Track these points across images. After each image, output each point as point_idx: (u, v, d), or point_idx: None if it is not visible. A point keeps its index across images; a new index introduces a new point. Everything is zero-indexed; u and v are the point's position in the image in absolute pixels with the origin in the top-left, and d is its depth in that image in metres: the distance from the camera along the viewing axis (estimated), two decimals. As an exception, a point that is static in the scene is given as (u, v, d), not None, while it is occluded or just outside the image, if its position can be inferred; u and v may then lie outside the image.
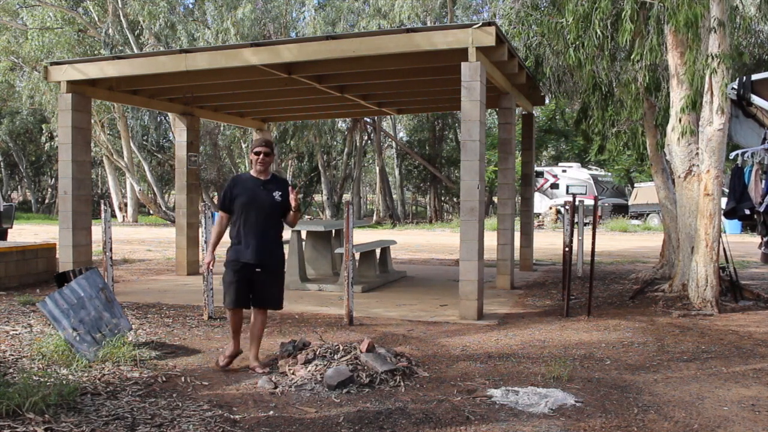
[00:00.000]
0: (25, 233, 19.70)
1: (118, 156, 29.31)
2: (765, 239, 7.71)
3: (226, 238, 4.92)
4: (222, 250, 5.07)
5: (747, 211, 7.58)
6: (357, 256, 9.66)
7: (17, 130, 35.61)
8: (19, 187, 47.12)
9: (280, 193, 4.79)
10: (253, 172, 4.86)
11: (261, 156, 4.80)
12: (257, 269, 4.71)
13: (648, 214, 25.23)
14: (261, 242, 4.72)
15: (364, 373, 4.52)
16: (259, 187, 4.77)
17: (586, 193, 25.62)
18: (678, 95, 7.95)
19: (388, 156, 39.31)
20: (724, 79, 7.16)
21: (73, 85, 8.80)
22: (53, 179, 40.63)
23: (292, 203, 4.74)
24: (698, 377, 4.80)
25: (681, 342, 5.95)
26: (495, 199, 27.92)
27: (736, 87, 7.38)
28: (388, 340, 5.92)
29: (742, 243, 15.73)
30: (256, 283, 4.76)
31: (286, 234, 11.10)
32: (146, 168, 29.60)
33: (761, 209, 7.43)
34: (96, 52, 25.55)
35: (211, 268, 5.11)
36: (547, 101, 13.95)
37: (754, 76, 7.49)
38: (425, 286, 9.62)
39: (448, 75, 8.50)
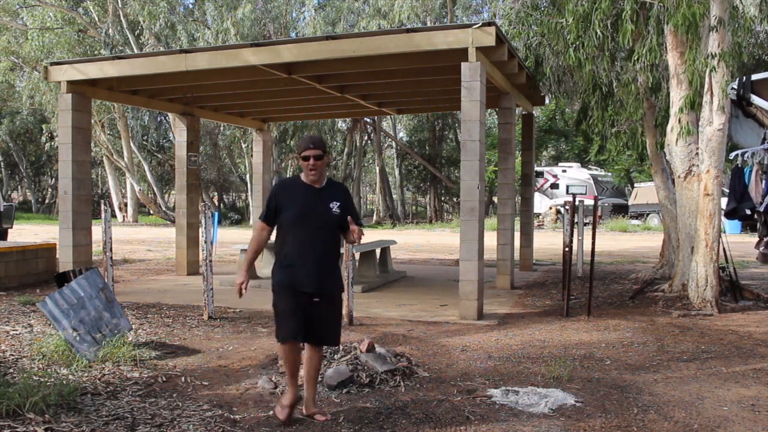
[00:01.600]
0: (25, 233, 19.70)
1: (118, 156, 29.32)
2: (765, 239, 7.72)
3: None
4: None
5: (748, 211, 7.59)
6: (357, 256, 9.66)
7: (17, 130, 35.62)
8: (19, 187, 47.13)
9: (338, 203, 3.84)
10: (304, 178, 3.88)
11: (311, 161, 3.77)
12: (315, 299, 3.78)
13: (648, 214, 25.24)
14: (319, 265, 3.80)
15: (364, 373, 4.52)
16: (313, 196, 3.82)
17: (586, 193, 25.62)
18: (678, 95, 7.95)
19: (388, 156, 39.32)
20: (725, 77, 7.16)
21: (73, 85, 8.80)
22: (53, 179, 40.64)
23: (355, 240, 3.86)
24: (698, 377, 4.80)
25: (681, 342, 5.95)
26: (495, 199, 27.92)
27: (735, 87, 7.38)
28: (388, 340, 5.92)
29: (742, 243, 15.72)
30: (313, 316, 3.80)
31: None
32: (146, 168, 29.61)
33: (761, 209, 7.44)
34: (96, 52, 25.56)
35: (244, 290, 3.83)
36: (547, 101, 13.95)
37: (754, 76, 7.49)
38: (425, 286, 9.62)
39: (448, 75, 8.50)
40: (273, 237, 4.01)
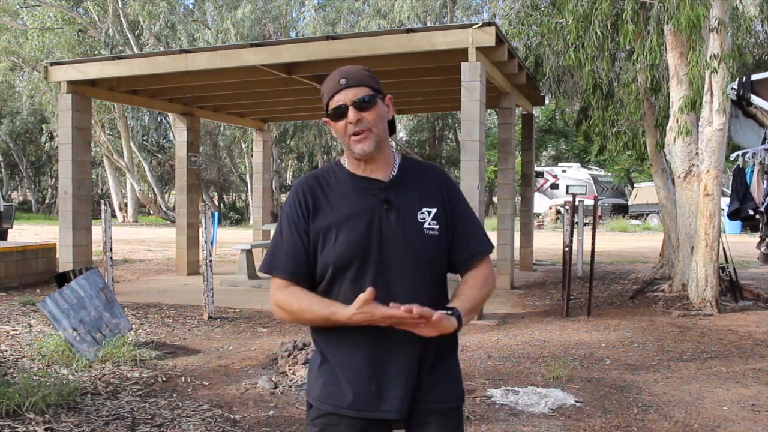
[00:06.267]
0: (25, 233, 19.69)
1: (118, 156, 29.31)
2: (767, 239, 7.71)
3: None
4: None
5: (750, 212, 7.59)
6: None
7: (17, 130, 35.59)
8: (19, 187, 47.12)
9: (432, 210, 1.85)
10: (349, 165, 1.84)
11: (350, 115, 1.74)
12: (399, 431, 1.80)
13: (648, 214, 25.24)
14: (404, 354, 1.77)
15: (364, 373, 4.50)
16: (377, 201, 1.80)
17: (586, 193, 25.61)
18: (678, 95, 7.95)
19: (388, 156, 39.19)
20: (725, 78, 7.16)
21: (74, 86, 8.80)
22: (53, 179, 40.62)
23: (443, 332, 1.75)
24: (698, 377, 4.80)
25: (681, 342, 5.95)
26: (495, 199, 27.91)
27: (736, 87, 7.38)
28: (388, 340, 5.91)
29: (742, 243, 15.72)
30: None
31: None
32: (146, 168, 29.61)
33: (763, 209, 7.44)
34: (96, 52, 25.55)
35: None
36: (547, 101, 13.96)
37: (754, 76, 7.49)
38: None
39: (448, 75, 8.50)
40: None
